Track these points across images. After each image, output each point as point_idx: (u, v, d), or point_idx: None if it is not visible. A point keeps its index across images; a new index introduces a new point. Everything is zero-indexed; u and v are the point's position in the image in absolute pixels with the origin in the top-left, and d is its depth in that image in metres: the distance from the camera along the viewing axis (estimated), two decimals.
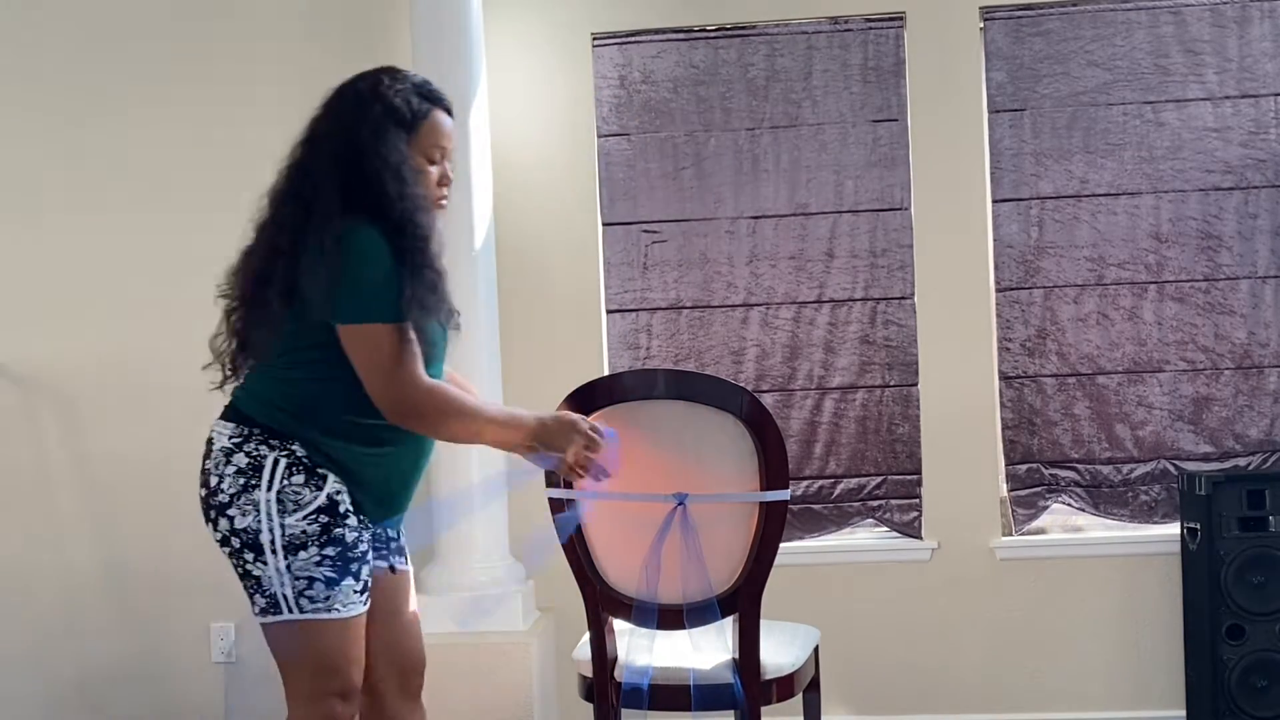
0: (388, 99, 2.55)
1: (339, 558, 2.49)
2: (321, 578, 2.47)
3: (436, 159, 2.62)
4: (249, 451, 2.51)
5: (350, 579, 2.50)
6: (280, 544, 2.46)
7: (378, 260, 2.43)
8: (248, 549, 2.48)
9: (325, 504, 2.49)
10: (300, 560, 2.47)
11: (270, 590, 2.48)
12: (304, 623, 2.48)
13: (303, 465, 2.49)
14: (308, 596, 2.47)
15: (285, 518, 2.46)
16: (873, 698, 4.36)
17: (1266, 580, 3.93)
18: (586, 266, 4.48)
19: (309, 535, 2.47)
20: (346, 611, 2.50)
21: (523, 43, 4.47)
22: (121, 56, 4.50)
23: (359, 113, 2.53)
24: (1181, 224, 4.33)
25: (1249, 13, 4.30)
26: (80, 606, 4.50)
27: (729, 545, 2.85)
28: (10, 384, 4.52)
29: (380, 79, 2.58)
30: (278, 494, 2.47)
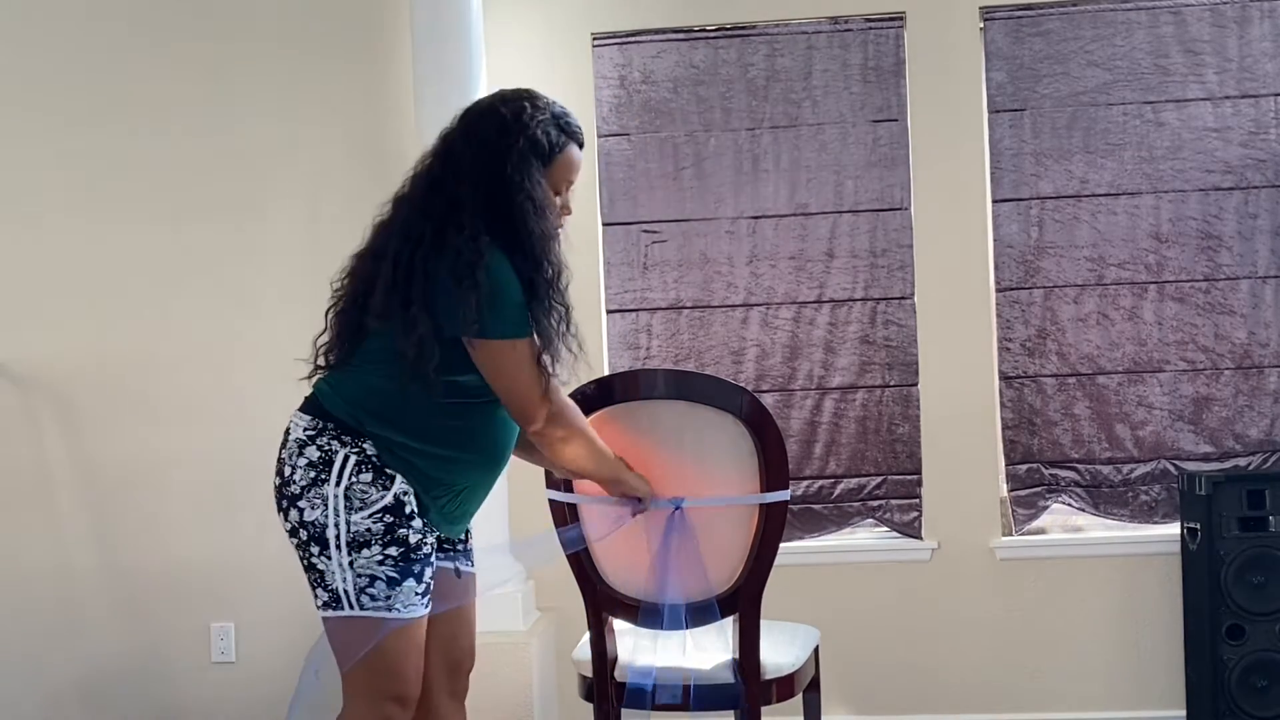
0: (531, 130, 2.57)
1: (402, 558, 2.49)
2: (384, 576, 2.48)
3: (561, 190, 2.66)
4: (321, 445, 2.52)
5: (412, 580, 2.51)
6: (345, 540, 2.47)
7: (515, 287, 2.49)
8: (314, 542, 2.50)
9: (391, 504, 2.50)
10: (363, 558, 2.48)
11: (333, 585, 2.50)
12: (364, 619, 2.49)
13: (372, 464, 2.51)
14: (369, 594, 2.48)
15: (351, 514, 2.48)
16: (873, 698, 4.36)
17: (1266, 580, 3.93)
18: (586, 266, 4.48)
19: (373, 534, 2.48)
20: (407, 613, 2.51)
21: (523, 43, 4.47)
22: (121, 57, 4.50)
23: (503, 141, 2.55)
24: (1181, 224, 4.33)
25: (1249, 13, 4.30)
26: (80, 606, 4.50)
27: (729, 545, 2.85)
28: (10, 384, 4.52)
29: (524, 107, 2.60)
30: (345, 490, 2.48)
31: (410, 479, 2.53)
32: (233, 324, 4.43)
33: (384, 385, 2.52)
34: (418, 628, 2.55)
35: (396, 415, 2.52)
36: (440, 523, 2.61)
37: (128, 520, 4.46)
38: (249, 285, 4.43)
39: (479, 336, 2.46)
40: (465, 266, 2.43)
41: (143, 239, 4.47)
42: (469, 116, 2.63)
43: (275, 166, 4.45)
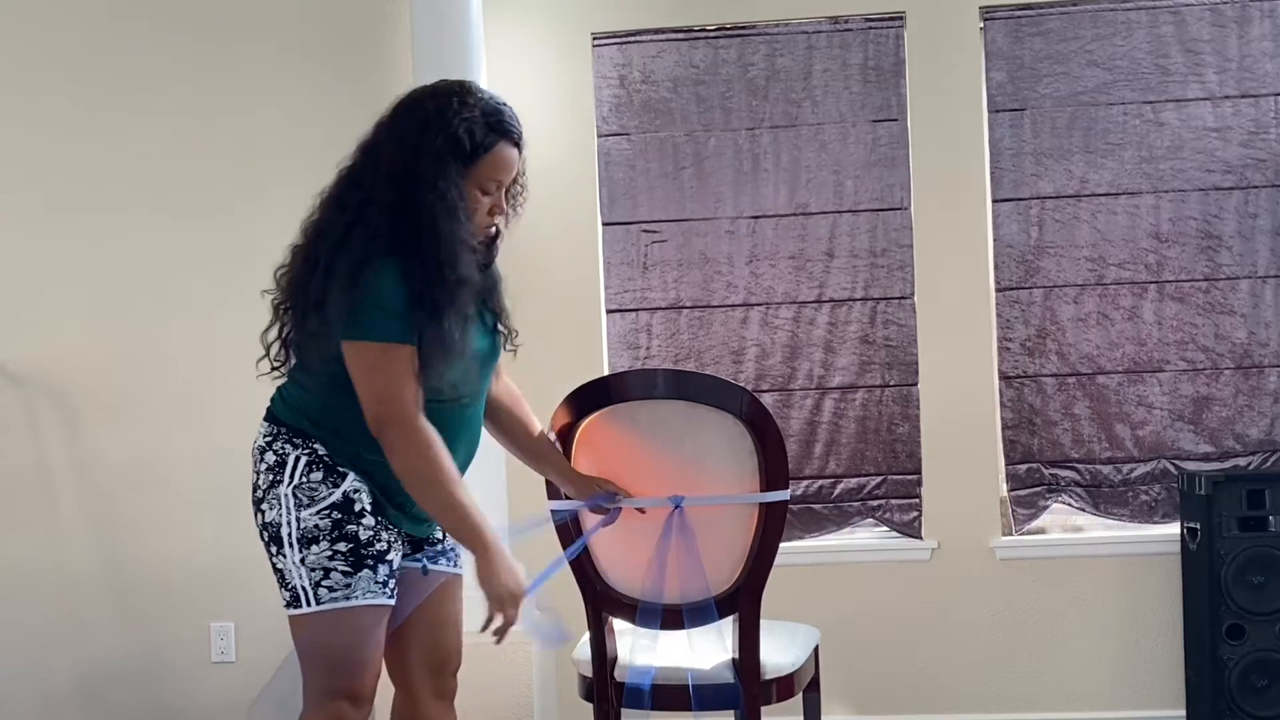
0: (452, 129, 2.47)
1: (351, 554, 2.49)
2: (337, 569, 2.49)
3: (491, 190, 2.55)
4: (276, 450, 2.54)
5: (368, 571, 2.50)
6: (295, 537, 2.49)
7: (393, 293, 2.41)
8: (273, 542, 2.52)
9: (339, 500, 2.50)
10: (313, 554, 2.48)
11: (291, 583, 2.51)
12: (322, 615, 2.49)
13: (323, 463, 2.51)
14: (325, 586, 2.48)
15: (300, 511, 2.49)
16: (873, 698, 4.36)
17: (1266, 580, 3.93)
18: (586, 266, 4.48)
19: (321, 530, 2.48)
20: (366, 599, 2.49)
21: (523, 43, 4.47)
22: (121, 57, 4.50)
23: (421, 139, 2.47)
24: (1181, 224, 4.33)
25: (1249, 13, 4.30)
26: (80, 606, 4.50)
27: (729, 545, 2.85)
28: (10, 384, 4.52)
29: (450, 103, 2.50)
30: (294, 489, 2.50)
31: (365, 478, 2.52)
32: (233, 323, 4.40)
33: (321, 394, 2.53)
34: (373, 617, 2.52)
35: (337, 422, 2.52)
36: (401, 520, 2.58)
37: (128, 520, 4.46)
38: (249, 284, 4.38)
39: (342, 337, 2.43)
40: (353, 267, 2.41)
41: (143, 238, 4.47)
42: (397, 108, 2.57)
43: (275, 166, 4.45)
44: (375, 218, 2.45)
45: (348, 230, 2.45)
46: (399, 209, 2.45)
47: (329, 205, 2.54)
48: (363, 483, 2.52)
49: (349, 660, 2.51)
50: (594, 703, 2.99)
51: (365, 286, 2.40)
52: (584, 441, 2.91)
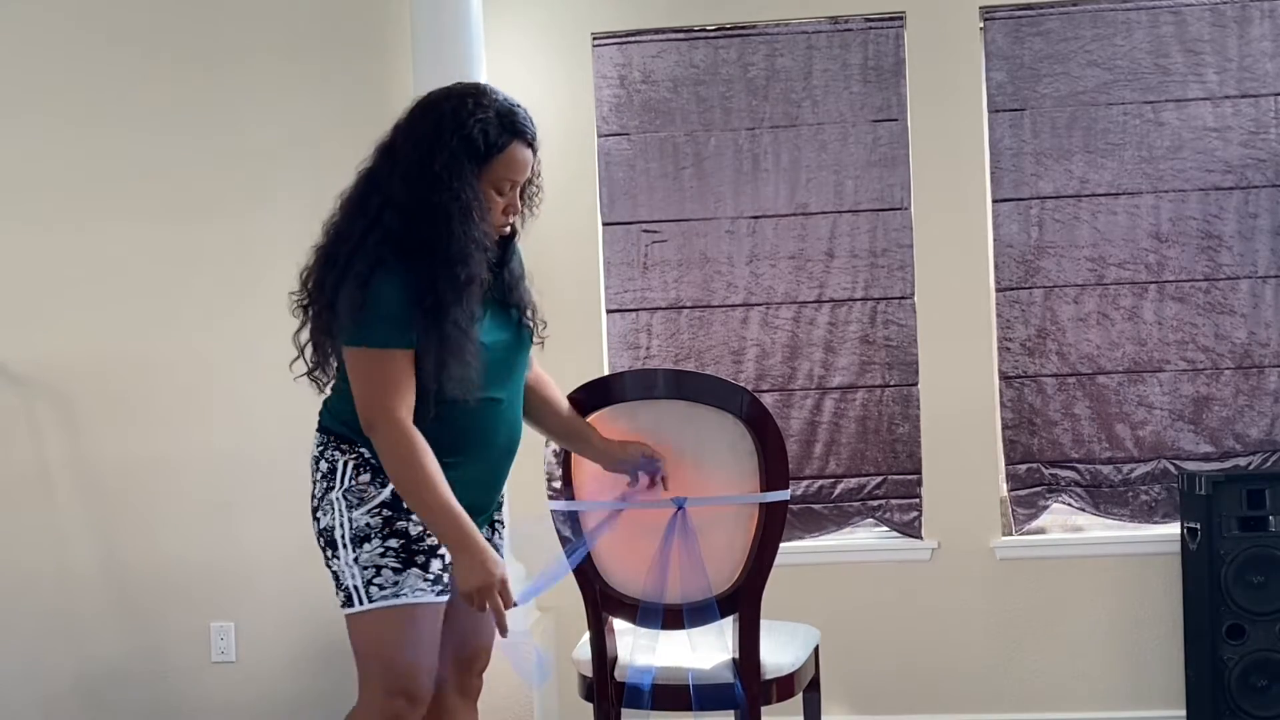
0: (467, 129, 2.51)
1: (403, 549, 2.54)
2: (388, 566, 2.54)
3: (505, 190, 2.59)
4: (328, 457, 2.60)
5: (416, 569, 2.55)
6: (349, 538, 2.54)
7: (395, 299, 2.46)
8: (329, 546, 2.58)
9: (389, 499, 2.54)
10: (366, 552, 2.54)
11: (345, 584, 2.56)
12: (375, 612, 2.54)
13: (369, 465, 2.56)
14: (376, 584, 2.53)
15: (352, 512, 2.55)
16: (873, 698, 4.36)
17: (1266, 580, 3.93)
18: (586, 266, 4.48)
19: (372, 528, 2.54)
20: (415, 597, 2.55)
21: (523, 43, 4.47)
22: (121, 56, 4.50)
23: (436, 140, 2.51)
24: (1181, 224, 4.33)
25: (1249, 13, 4.30)
26: (80, 606, 4.49)
27: (729, 545, 2.85)
28: (10, 384, 4.52)
29: (465, 104, 2.54)
30: (344, 491, 2.56)
31: None
32: (233, 324, 4.43)
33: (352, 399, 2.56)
34: (429, 619, 2.58)
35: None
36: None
37: (128, 520, 4.46)
38: (249, 285, 4.43)
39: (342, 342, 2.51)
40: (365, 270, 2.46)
41: (143, 239, 4.47)
42: (414, 110, 2.60)
43: (275, 166, 4.45)
44: (391, 219, 2.49)
45: (365, 233, 2.50)
46: (414, 210, 2.49)
47: (348, 206, 2.58)
48: None
49: (402, 659, 2.56)
50: (594, 703, 2.99)
51: (370, 292, 2.45)
52: None
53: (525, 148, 2.59)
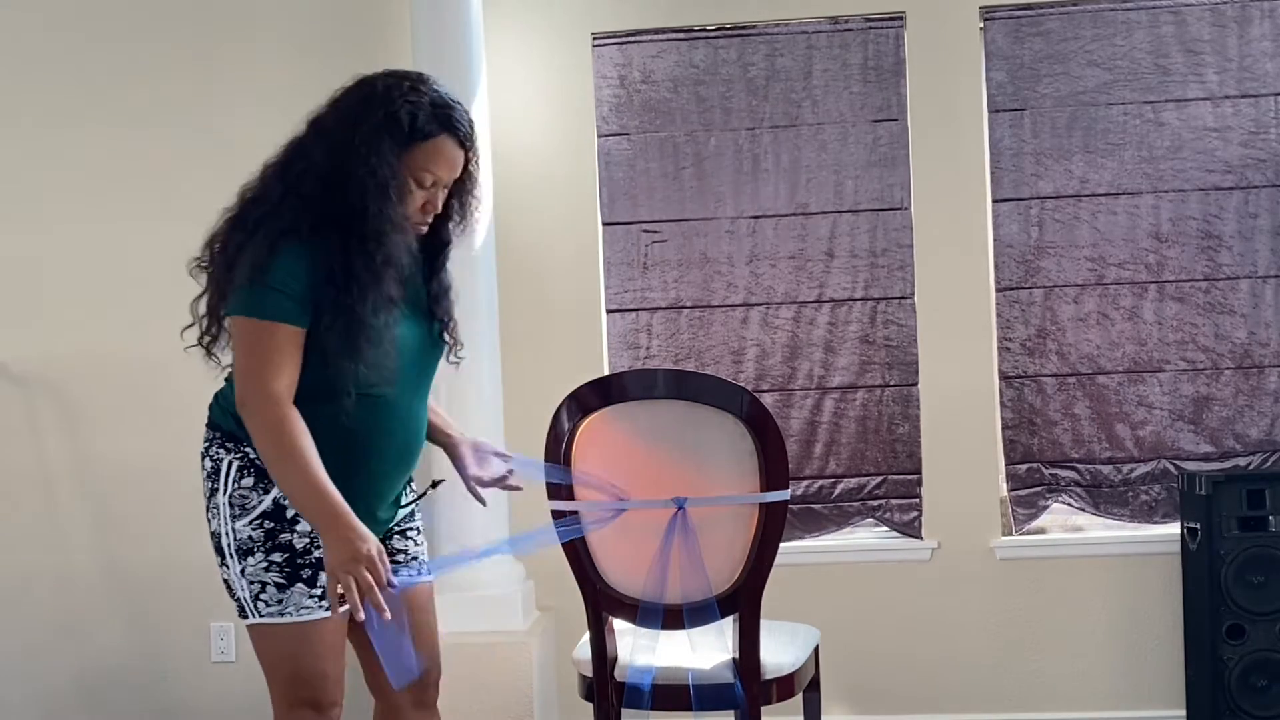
0: (393, 107, 2.43)
1: (286, 564, 2.45)
2: (272, 583, 2.45)
3: (425, 184, 2.48)
4: (212, 456, 2.50)
5: (302, 585, 2.45)
6: (234, 548, 2.46)
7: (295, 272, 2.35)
8: (216, 553, 2.50)
9: (270, 509, 2.44)
10: (251, 565, 2.45)
11: (236, 594, 2.49)
12: (265, 626, 2.47)
13: (254, 467, 2.45)
14: (262, 600, 2.46)
15: (235, 522, 2.45)
16: (873, 698, 4.36)
17: (1266, 580, 3.93)
18: (586, 266, 4.48)
19: (255, 541, 2.44)
20: (300, 615, 2.45)
21: (523, 43, 4.47)
22: (121, 56, 4.50)
23: (362, 112, 2.43)
24: (1181, 224, 4.33)
25: (1249, 13, 4.30)
26: (80, 606, 4.50)
27: (729, 545, 2.85)
28: (10, 384, 4.52)
29: (400, 85, 2.46)
30: (229, 498, 2.46)
31: None
32: None
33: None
34: (324, 632, 2.47)
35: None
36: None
37: (128, 520, 4.46)
38: None
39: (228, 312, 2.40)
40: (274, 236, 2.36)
41: (143, 238, 4.46)
42: (349, 85, 2.52)
43: None
44: (309, 188, 2.41)
45: (281, 198, 2.42)
46: (333, 181, 2.40)
47: (268, 173, 2.50)
48: None
49: (304, 670, 2.47)
50: (594, 703, 2.99)
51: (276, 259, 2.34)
52: (584, 441, 2.91)
53: (456, 146, 2.49)
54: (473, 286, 4.06)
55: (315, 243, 2.37)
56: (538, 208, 4.47)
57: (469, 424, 4.02)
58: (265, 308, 2.34)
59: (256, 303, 2.34)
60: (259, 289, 2.34)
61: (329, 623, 2.47)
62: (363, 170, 2.39)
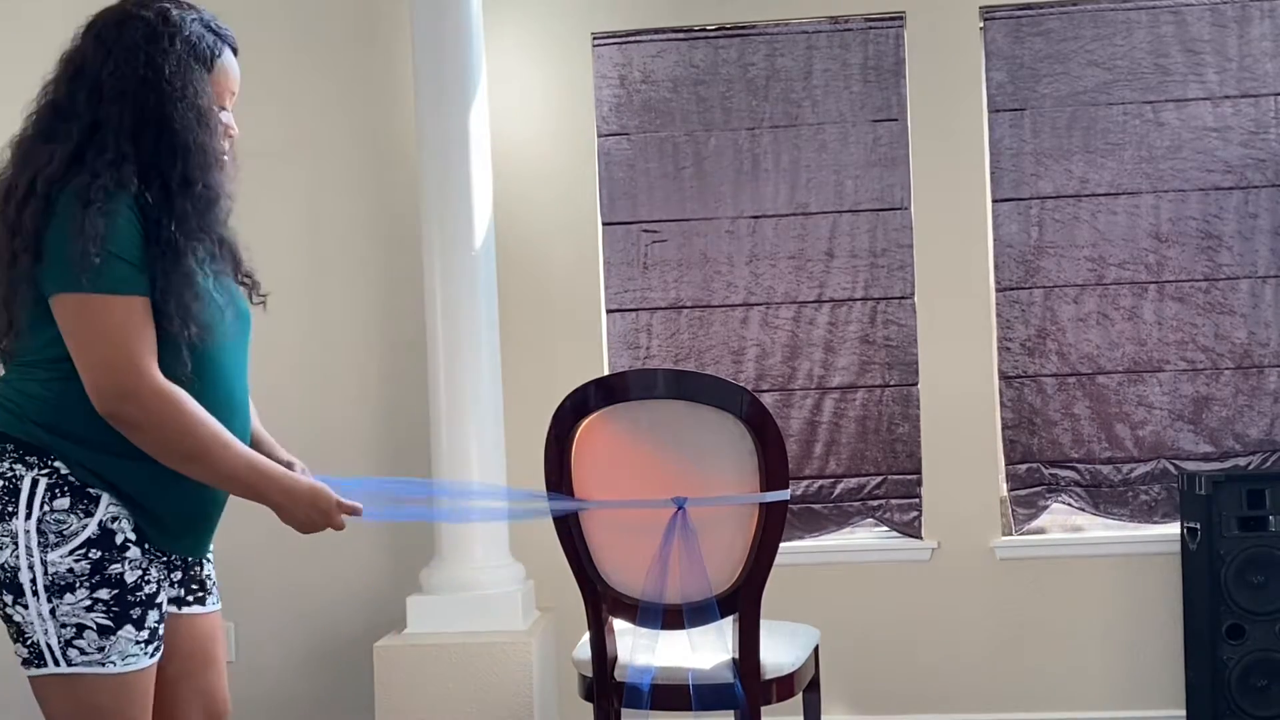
0: (186, 31, 2.16)
1: (116, 601, 2.08)
2: (94, 625, 2.07)
3: (227, 105, 2.26)
4: (3, 473, 2.07)
5: (130, 627, 2.10)
6: (42, 584, 2.05)
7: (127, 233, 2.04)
8: (6, 589, 2.07)
9: (97, 534, 2.07)
10: (67, 604, 2.06)
11: (32, 638, 2.09)
12: (73, 677, 2.09)
13: (69, 485, 2.07)
14: (76, 647, 2.08)
15: (48, 553, 2.05)
16: (873, 698, 4.36)
17: (1266, 580, 3.93)
18: (586, 266, 4.48)
19: (77, 575, 2.06)
20: (125, 665, 2.10)
21: (523, 43, 4.47)
22: None
23: (155, 46, 2.12)
24: (1181, 224, 4.33)
25: (1249, 12, 4.30)
26: None
27: (729, 545, 2.85)
28: None
29: (168, 11, 2.17)
30: (38, 523, 2.05)
31: (121, 495, 2.11)
32: None
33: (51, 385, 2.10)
34: (138, 682, 2.13)
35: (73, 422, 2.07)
36: (174, 543, 2.21)
37: None
38: None
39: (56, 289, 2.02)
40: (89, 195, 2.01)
41: None
42: (99, 29, 2.18)
43: (275, 165, 4.44)
44: (114, 143, 2.08)
45: (73, 159, 2.07)
46: (141, 128, 2.10)
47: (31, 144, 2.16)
48: (120, 505, 2.11)
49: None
50: (594, 703, 2.99)
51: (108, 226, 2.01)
52: (584, 441, 2.91)
53: (234, 56, 2.27)
54: (472, 286, 4.06)
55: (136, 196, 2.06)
56: (538, 208, 4.47)
57: (469, 424, 4.03)
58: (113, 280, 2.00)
59: (102, 276, 1.99)
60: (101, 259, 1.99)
61: (149, 672, 2.15)
62: (183, 105, 2.12)
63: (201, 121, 2.14)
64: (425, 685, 3.92)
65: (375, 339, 4.48)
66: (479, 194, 4.09)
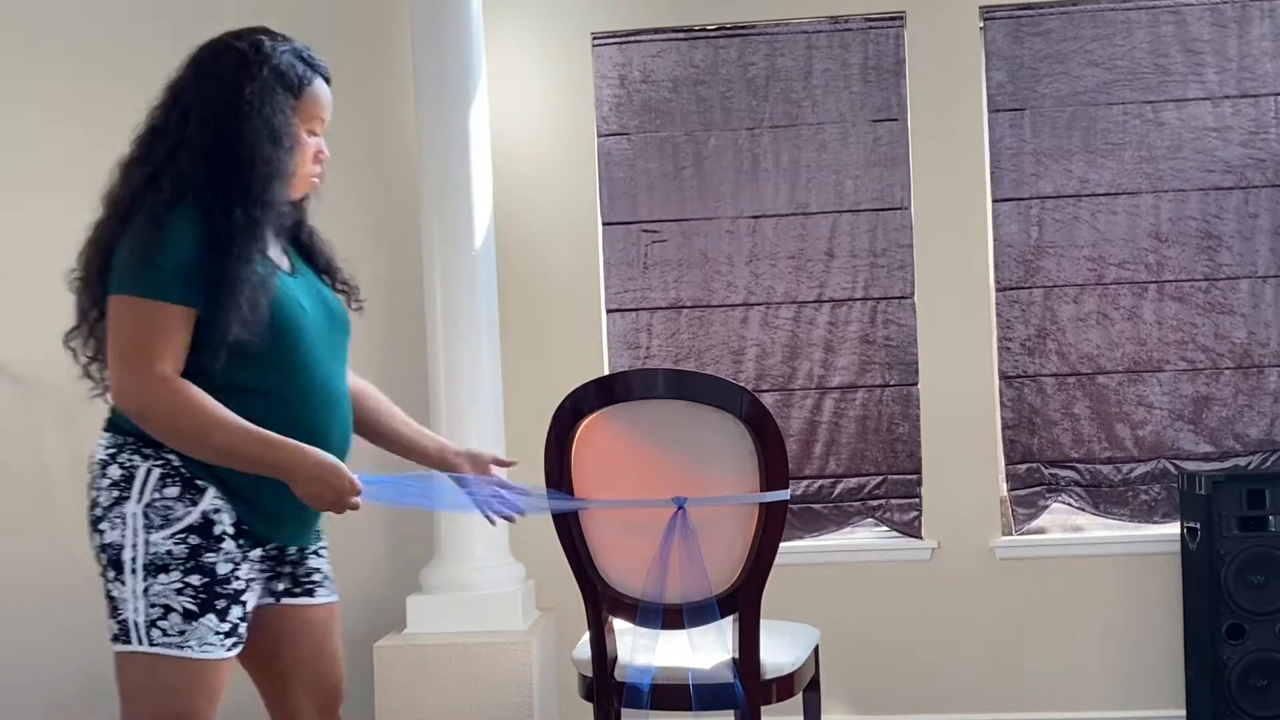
0: (275, 59, 2.36)
1: (204, 589, 2.22)
2: (180, 608, 2.21)
3: (317, 131, 2.44)
4: (122, 462, 2.28)
5: (213, 616, 2.23)
6: (141, 562, 2.23)
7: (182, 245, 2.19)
8: (111, 566, 2.27)
9: (198, 522, 2.23)
10: (160, 584, 2.22)
11: (123, 615, 2.25)
12: (152, 657, 2.22)
13: (179, 476, 2.24)
14: (160, 628, 2.21)
15: (151, 534, 2.22)
16: (873, 698, 4.36)
17: (1266, 580, 3.93)
18: (586, 266, 4.48)
19: (174, 557, 2.22)
20: (201, 653, 2.22)
21: (523, 43, 4.47)
22: (121, 56, 4.49)
23: (241, 75, 2.32)
24: (1181, 224, 4.33)
25: (1249, 12, 4.30)
26: (80, 606, 4.48)
27: (729, 545, 2.85)
28: (10, 384, 4.52)
29: (262, 41, 2.39)
30: (145, 507, 2.24)
31: (226, 489, 2.26)
32: None
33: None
34: (211, 672, 2.24)
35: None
36: (271, 532, 2.34)
37: None
38: None
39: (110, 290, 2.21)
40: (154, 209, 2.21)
41: None
42: (200, 58, 2.40)
43: None
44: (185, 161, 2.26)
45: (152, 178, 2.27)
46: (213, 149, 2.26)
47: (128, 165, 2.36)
48: (224, 500, 2.26)
49: (185, 713, 2.24)
50: (594, 703, 2.99)
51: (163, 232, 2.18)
52: (584, 441, 2.91)
53: (327, 86, 2.45)
54: (472, 286, 4.06)
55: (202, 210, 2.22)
56: (538, 208, 4.47)
57: (469, 424, 4.03)
58: (150, 284, 2.17)
59: (140, 280, 2.17)
60: (146, 264, 2.17)
61: (224, 665, 2.27)
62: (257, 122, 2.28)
63: (273, 138, 2.29)
64: (425, 685, 3.92)
65: (375, 338, 4.48)
66: (479, 194, 4.09)
